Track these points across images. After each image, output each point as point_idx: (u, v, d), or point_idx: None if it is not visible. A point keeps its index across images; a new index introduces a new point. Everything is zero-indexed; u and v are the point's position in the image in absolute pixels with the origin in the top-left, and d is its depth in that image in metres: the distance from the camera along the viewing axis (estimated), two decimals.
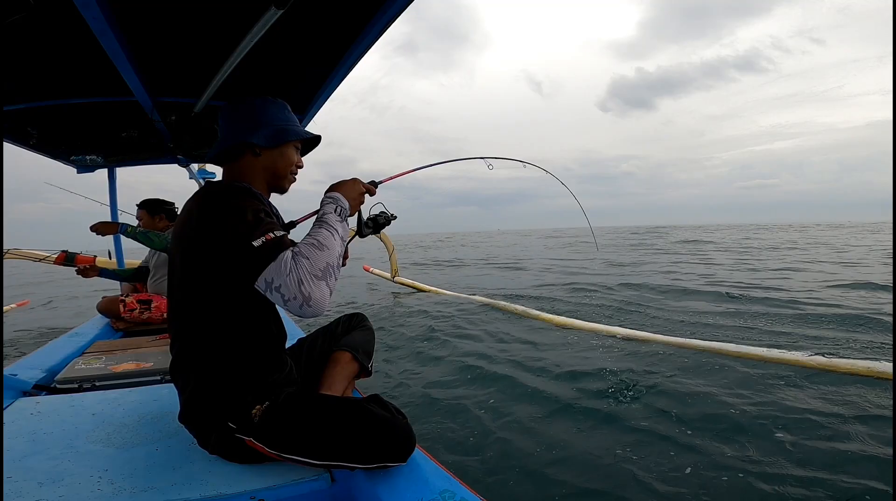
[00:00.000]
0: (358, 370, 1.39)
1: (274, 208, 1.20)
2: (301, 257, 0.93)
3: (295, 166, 1.21)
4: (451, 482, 0.98)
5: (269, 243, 0.94)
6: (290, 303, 0.91)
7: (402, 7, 1.22)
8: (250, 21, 1.18)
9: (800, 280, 7.28)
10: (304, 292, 0.90)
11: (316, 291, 0.91)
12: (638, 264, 11.09)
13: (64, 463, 1.10)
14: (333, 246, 0.98)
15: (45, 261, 3.89)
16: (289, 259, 0.92)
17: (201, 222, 1.01)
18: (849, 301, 5.30)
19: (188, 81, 1.81)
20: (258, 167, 1.15)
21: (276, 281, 0.91)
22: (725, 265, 10.21)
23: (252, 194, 1.07)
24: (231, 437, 1.04)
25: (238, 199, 1.01)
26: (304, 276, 0.90)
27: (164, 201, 2.86)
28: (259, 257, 0.93)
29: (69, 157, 2.71)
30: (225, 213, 0.98)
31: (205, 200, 1.03)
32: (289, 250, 0.94)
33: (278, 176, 1.18)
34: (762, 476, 1.77)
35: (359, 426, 1.00)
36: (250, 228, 0.96)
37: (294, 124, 1.19)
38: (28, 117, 2.06)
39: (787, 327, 4.24)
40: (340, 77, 1.69)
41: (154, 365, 1.89)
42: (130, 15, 1.24)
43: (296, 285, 0.90)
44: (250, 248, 0.93)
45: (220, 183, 1.11)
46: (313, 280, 0.91)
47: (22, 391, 1.71)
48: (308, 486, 1.03)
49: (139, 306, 2.76)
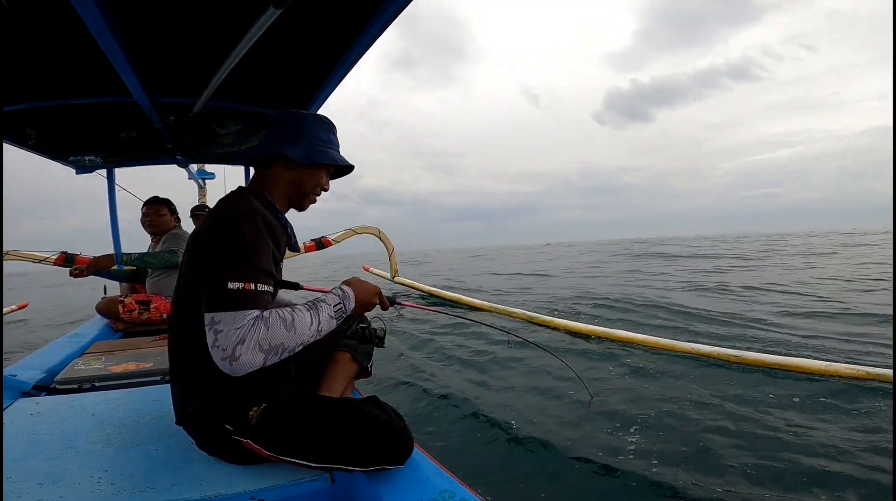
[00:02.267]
0: (358, 370, 1.39)
1: (289, 227, 1.19)
2: (263, 324, 0.90)
3: (320, 189, 1.19)
4: (451, 482, 0.98)
5: (243, 292, 0.91)
6: (215, 350, 0.89)
7: (399, 8, 1.22)
8: (249, 21, 1.18)
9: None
10: (236, 353, 0.88)
11: (248, 357, 0.88)
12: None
13: (64, 464, 1.10)
14: (302, 334, 0.96)
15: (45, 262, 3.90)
16: (249, 317, 0.90)
17: (209, 231, 1.00)
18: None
19: (187, 82, 1.80)
20: (286, 180, 1.14)
21: (221, 326, 0.89)
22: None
23: (266, 222, 1.01)
24: (229, 439, 1.04)
25: (249, 226, 0.97)
26: (250, 340, 0.88)
27: (170, 201, 2.95)
28: (225, 300, 0.90)
29: (68, 157, 2.70)
30: (227, 236, 0.96)
31: (221, 211, 1.02)
32: (257, 310, 0.92)
33: (303, 194, 1.17)
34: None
35: (355, 428, 1.00)
36: (236, 265, 0.93)
37: (334, 148, 1.17)
38: (27, 118, 2.06)
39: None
40: (339, 77, 1.69)
41: (154, 366, 1.89)
42: (129, 15, 1.24)
43: (235, 341, 0.88)
44: (223, 287, 0.91)
45: (244, 198, 1.06)
46: (255, 348, 0.89)
47: (22, 391, 1.71)
48: (308, 486, 1.03)
49: (138, 306, 2.76)
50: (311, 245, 6.52)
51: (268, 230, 1.01)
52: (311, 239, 6.57)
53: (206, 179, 5.54)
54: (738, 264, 11.83)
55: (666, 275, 9.60)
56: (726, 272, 9.64)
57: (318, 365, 1.36)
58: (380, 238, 7.34)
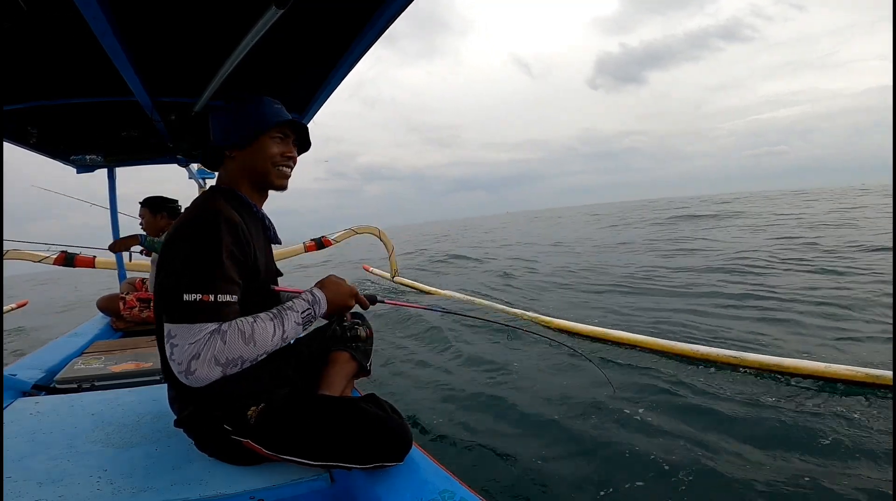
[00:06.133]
0: (357, 369, 1.39)
1: (267, 220, 1.16)
2: (219, 337, 0.88)
3: (279, 157, 1.11)
4: (450, 482, 0.97)
5: (199, 304, 0.88)
6: (172, 363, 0.88)
7: (401, 6, 1.22)
8: (251, 20, 1.18)
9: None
10: (190, 367, 0.87)
11: (203, 372, 0.87)
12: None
13: (63, 463, 1.10)
14: (264, 345, 0.94)
15: (45, 261, 3.89)
16: (205, 332, 0.88)
17: (170, 237, 0.99)
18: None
19: (188, 81, 1.80)
20: (237, 169, 1.12)
21: (177, 340, 0.88)
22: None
23: (230, 223, 0.96)
24: (228, 439, 1.04)
25: (208, 232, 0.93)
26: (206, 355, 0.87)
27: (167, 199, 2.82)
28: (180, 312, 0.88)
29: (69, 157, 2.70)
30: (184, 244, 0.94)
31: (183, 217, 1.01)
32: (214, 324, 0.89)
33: (261, 173, 1.12)
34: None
35: (353, 426, 0.99)
36: (196, 277, 0.90)
37: (262, 115, 1.10)
38: (28, 117, 2.06)
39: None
40: (341, 76, 1.69)
41: (153, 365, 1.89)
42: (130, 14, 1.24)
43: (189, 356, 0.87)
44: (178, 299, 0.89)
45: (211, 199, 1.03)
46: (210, 362, 0.87)
47: (21, 391, 1.71)
48: (307, 486, 1.03)
49: (139, 304, 2.75)
50: (311, 245, 6.52)
51: (231, 232, 0.96)
52: (312, 239, 6.57)
53: (207, 179, 5.54)
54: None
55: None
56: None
57: (317, 365, 1.36)
58: (380, 238, 7.35)
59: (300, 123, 1.17)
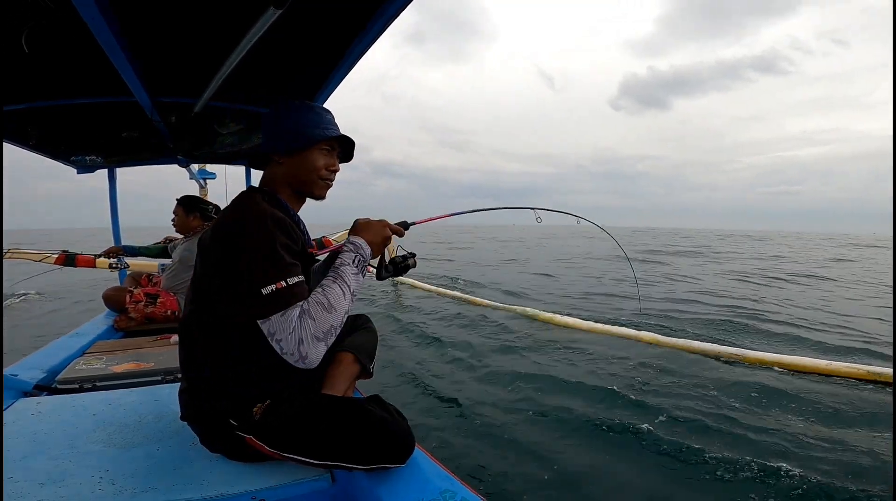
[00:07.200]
0: (359, 371, 1.39)
1: (302, 225, 1.18)
2: (307, 317, 0.93)
3: (325, 171, 1.14)
4: (451, 482, 0.98)
5: (279, 293, 0.93)
6: (286, 356, 0.92)
7: (398, 9, 1.22)
8: (249, 21, 1.18)
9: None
10: (301, 353, 0.91)
11: (313, 352, 0.92)
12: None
13: (65, 464, 1.10)
14: (342, 307, 0.98)
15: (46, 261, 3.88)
16: (295, 317, 0.92)
17: (220, 240, 0.99)
18: None
19: (188, 82, 1.80)
20: (281, 176, 1.14)
21: (278, 335, 0.92)
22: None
23: (276, 220, 0.99)
24: (232, 434, 1.04)
25: (261, 227, 0.96)
26: (306, 337, 0.91)
27: (202, 201, 2.84)
28: (266, 307, 0.93)
29: (69, 157, 2.70)
30: (244, 243, 0.95)
31: (232, 216, 1.01)
32: (298, 306, 0.94)
33: (304, 183, 1.14)
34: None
35: (357, 427, 1.00)
36: (264, 270, 0.93)
37: (316, 128, 1.12)
38: (28, 117, 2.06)
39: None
40: (340, 76, 1.69)
41: (155, 365, 1.88)
42: (130, 15, 1.24)
43: (296, 344, 0.91)
44: (258, 295, 0.92)
45: (251, 199, 1.04)
46: (313, 341, 0.92)
47: (23, 391, 1.71)
48: (308, 486, 1.04)
49: (146, 298, 2.74)
50: (311, 248, 6.53)
51: (279, 227, 0.99)
52: (313, 239, 6.58)
53: (207, 179, 5.54)
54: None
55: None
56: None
57: (321, 365, 1.36)
58: None
59: (349, 137, 1.19)
